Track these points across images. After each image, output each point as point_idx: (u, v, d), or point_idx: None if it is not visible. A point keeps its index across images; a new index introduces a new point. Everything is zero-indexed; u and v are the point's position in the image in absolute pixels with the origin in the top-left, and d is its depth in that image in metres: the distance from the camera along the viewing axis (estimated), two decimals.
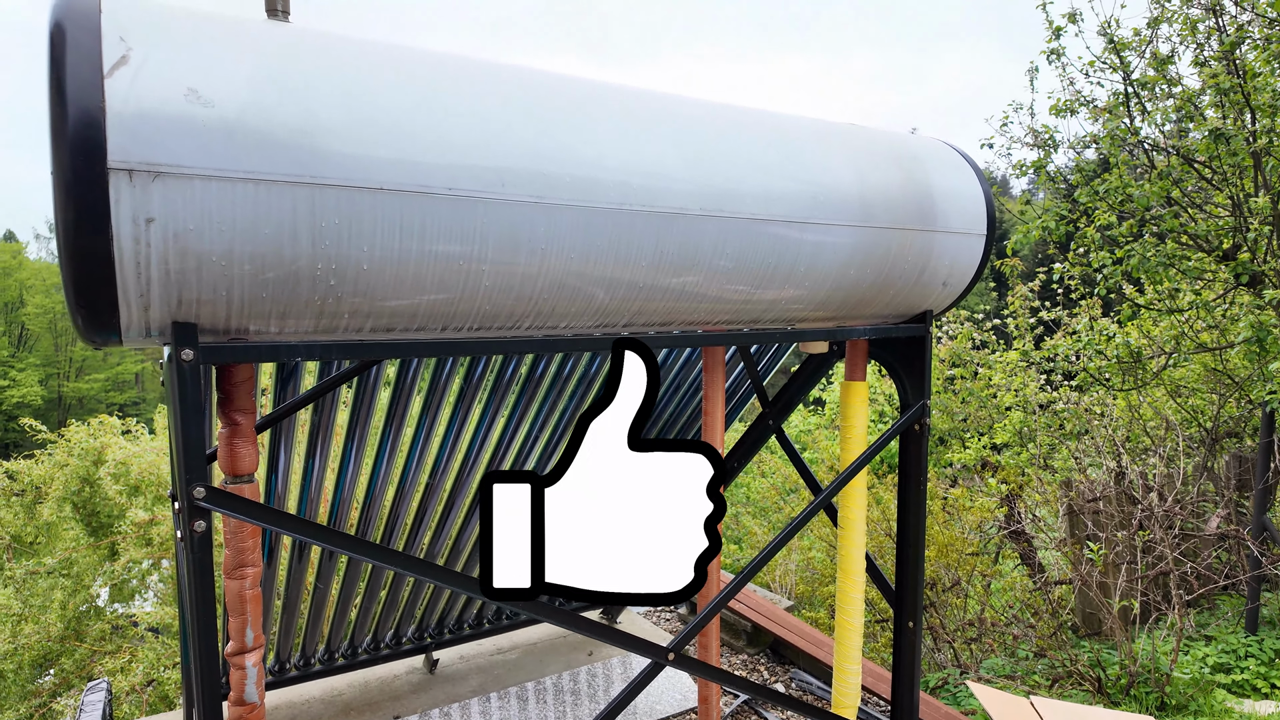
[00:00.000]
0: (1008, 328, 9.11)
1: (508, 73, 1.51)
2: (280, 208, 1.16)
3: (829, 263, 1.85)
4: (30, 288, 39.75)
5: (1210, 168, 5.64)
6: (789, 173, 1.77)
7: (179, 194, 1.09)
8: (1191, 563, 5.58)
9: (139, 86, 1.06)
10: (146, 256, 1.10)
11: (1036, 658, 5.53)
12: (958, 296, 2.23)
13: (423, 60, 1.40)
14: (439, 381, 2.18)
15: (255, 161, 1.13)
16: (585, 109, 1.54)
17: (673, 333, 1.84)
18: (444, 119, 1.33)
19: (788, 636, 3.57)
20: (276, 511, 1.34)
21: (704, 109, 1.76)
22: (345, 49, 1.30)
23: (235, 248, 1.15)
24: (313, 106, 1.19)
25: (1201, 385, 7.31)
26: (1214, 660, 5.31)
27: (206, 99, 1.10)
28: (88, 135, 1.02)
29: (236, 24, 1.23)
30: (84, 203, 1.03)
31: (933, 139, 2.23)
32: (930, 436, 2.81)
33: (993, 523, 6.62)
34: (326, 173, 1.19)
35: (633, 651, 1.76)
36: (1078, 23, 6.08)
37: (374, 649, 3.27)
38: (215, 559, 1.30)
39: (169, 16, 1.15)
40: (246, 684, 1.42)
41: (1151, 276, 5.80)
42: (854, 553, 2.31)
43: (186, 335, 1.20)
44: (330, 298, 1.27)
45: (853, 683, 2.31)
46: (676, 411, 2.87)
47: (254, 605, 1.43)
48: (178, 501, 1.28)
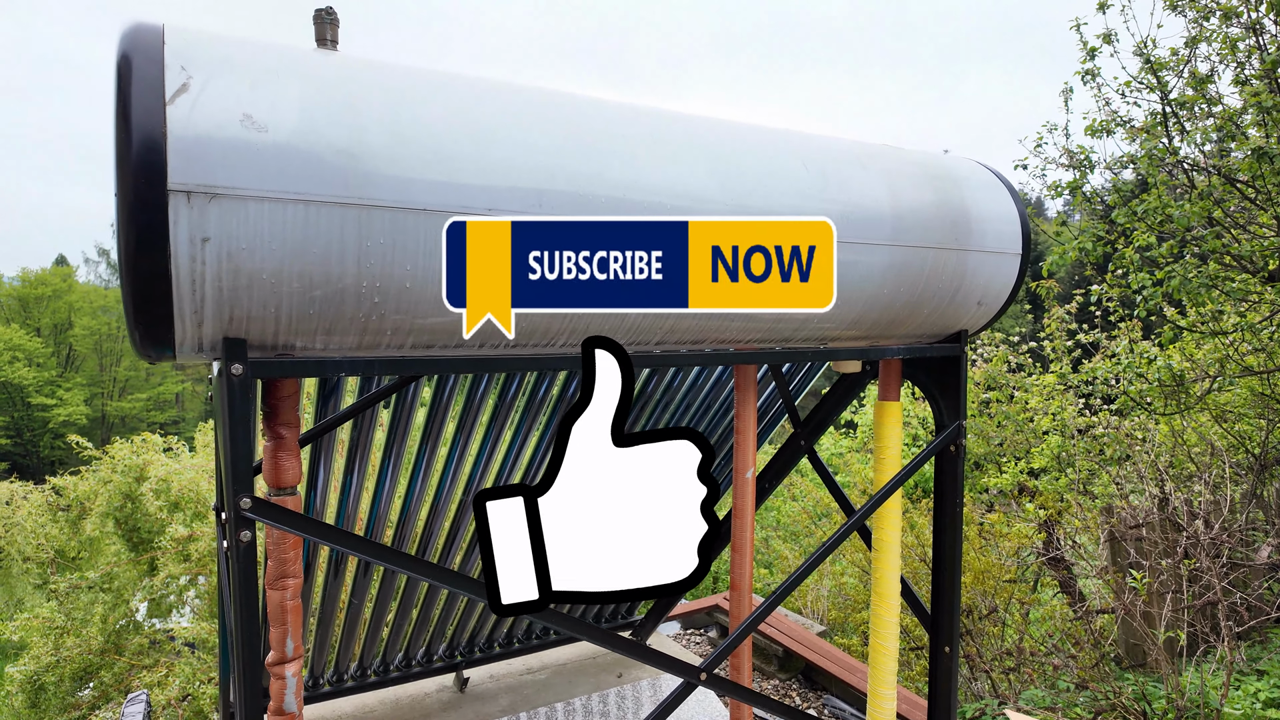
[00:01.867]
0: (1044, 350, 8.95)
1: (545, 96, 1.55)
2: (329, 228, 1.20)
3: (862, 281, 1.85)
4: (79, 310, 41.04)
5: (1254, 187, 5.52)
6: (821, 192, 1.78)
7: (233, 215, 1.13)
8: (1241, 593, 5.39)
9: (198, 113, 1.11)
10: (201, 274, 1.14)
11: (1078, 689, 5.36)
12: (993, 316, 2.21)
13: (464, 85, 1.44)
14: (473, 400, 2.21)
15: (305, 183, 1.18)
16: (620, 131, 1.57)
17: (705, 351, 1.86)
18: (484, 142, 1.36)
19: (820, 662, 3.52)
20: (321, 523, 1.37)
21: (736, 130, 1.79)
22: (390, 75, 1.35)
23: (285, 266, 1.19)
24: (360, 130, 1.24)
25: (1248, 410, 7.10)
26: (1266, 695, 5.10)
27: (260, 124, 1.15)
28: (150, 159, 1.07)
29: (288, 52, 1.28)
30: (145, 223, 1.08)
31: (966, 159, 2.23)
32: (965, 460, 2.77)
33: (1030, 549, 6.47)
34: (373, 194, 1.23)
35: (666, 670, 1.76)
36: (1113, 43, 6.03)
37: (405, 666, 3.29)
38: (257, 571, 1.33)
39: (227, 46, 1.21)
40: (286, 694, 1.44)
41: (1194, 298, 5.67)
42: (889, 576, 2.28)
43: (236, 350, 1.24)
44: (374, 315, 1.31)
45: (887, 708, 2.27)
46: (707, 431, 2.87)
47: (294, 616, 1.46)
48: (223, 512, 1.32)
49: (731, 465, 2.80)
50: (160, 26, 1.18)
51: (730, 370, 2.59)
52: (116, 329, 41.56)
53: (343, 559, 2.60)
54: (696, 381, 2.62)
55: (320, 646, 2.89)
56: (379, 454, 2.26)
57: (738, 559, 2.25)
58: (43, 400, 35.86)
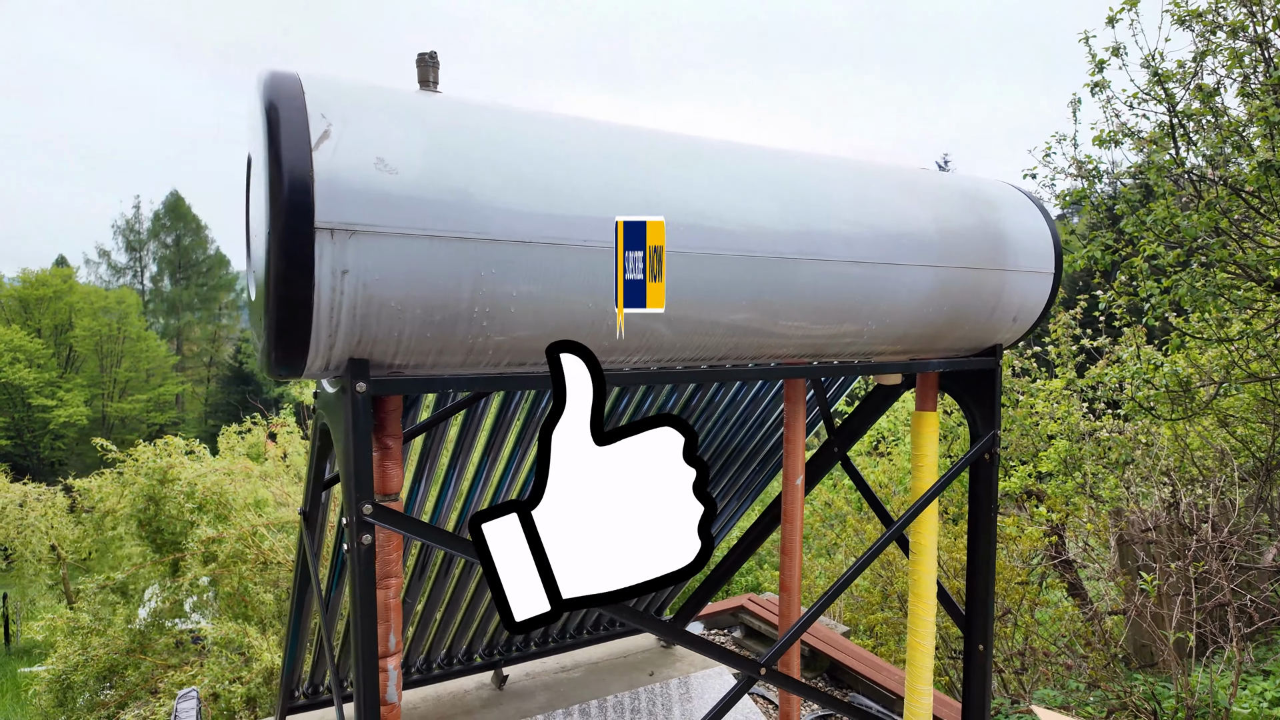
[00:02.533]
0: (1049, 355, 9.08)
1: (621, 131, 1.67)
2: (448, 259, 1.32)
3: (908, 300, 1.97)
4: (79, 311, 41.06)
5: (1259, 198, 5.66)
6: (872, 217, 1.90)
7: (368, 249, 1.25)
8: (1250, 595, 5.52)
9: (339, 158, 1.23)
10: (339, 303, 1.26)
11: (1089, 689, 5.48)
12: (1026, 331, 2.33)
13: (553, 123, 1.56)
14: (535, 416, 2.33)
15: (428, 220, 1.30)
16: (692, 162, 1.69)
17: (760, 365, 1.97)
18: (577, 176, 1.48)
19: (845, 660, 3.64)
20: (433, 527, 1.48)
21: (793, 159, 1.91)
22: (492, 117, 1.47)
23: (410, 294, 1.31)
24: (472, 170, 1.36)
25: (1252, 415, 7.23)
26: (1273, 695, 5.22)
27: (391, 167, 1.27)
28: (299, 200, 1.19)
29: (404, 98, 1.40)
30: (294, 257, 1.20)
31: (1000, 182, 2.35)
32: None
33: (1036, 552, 6.59)
34: (484, 228, 1.35)
35: (731, 666, 1.87)
36: (1121, 56, 6.17)
37: (447, 664, 3.40)
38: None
39: (355, 93, 1.33)
40: (389, 685, 1.56)
41: (1200, 306, 5.80)
42: (926, 578, 2.40)
43: (361, 370, 1.36)
44: (481, 336, 1.43)
45: (925, 703, 2.39)
46: (743, 442, 2.98)
47: (396, 613, 1.57)
48: (345, 517, 1.43)
49: (756, 476, 2.92)
50: (296, 76, 1.29)
51: (765, 385, 2.71)
52: (117, 330, 41.61)
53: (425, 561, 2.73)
54: (737, 396, 2.73)
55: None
56: (445, 460, 2.38)
57: (787, 562, 2.37)
58: (43, 401, 35.91)
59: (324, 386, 1.64)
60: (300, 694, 3.13)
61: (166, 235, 50.07)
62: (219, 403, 43.41)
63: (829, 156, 2.00)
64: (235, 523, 6.42)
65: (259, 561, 6.27)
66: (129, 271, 49.89)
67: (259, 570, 6.27)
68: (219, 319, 51.24)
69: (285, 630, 2.69)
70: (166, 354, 44.35)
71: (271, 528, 6.49)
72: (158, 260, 50.14)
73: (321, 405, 1.69)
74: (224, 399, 43.13)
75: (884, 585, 6.59)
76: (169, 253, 50.16)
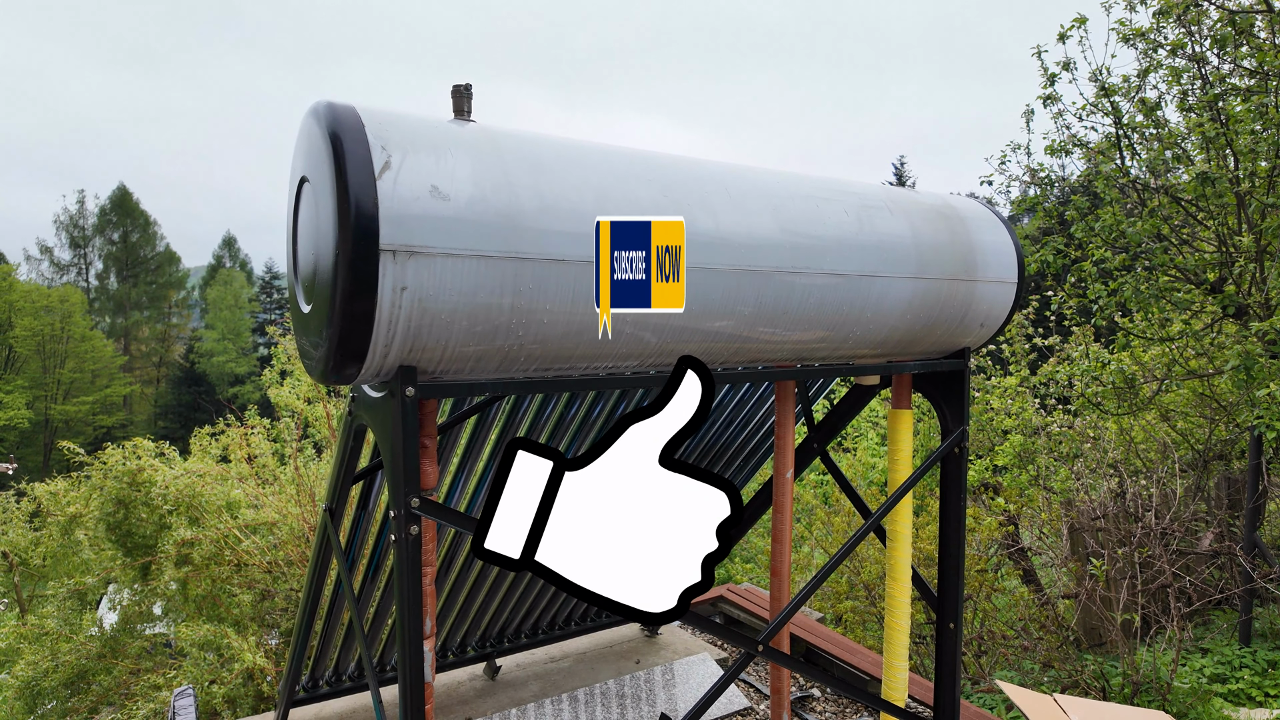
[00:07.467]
0: (1003, 353, 9.49)
1: (635, 155, 1.83)
2: (492, 277, 1.46)
3: (890, 309, 2.17)
4: (19, 310, 39.56)
5: (1197, 205, 6.04)
6: (859, 234, 2.09)
7: (425, 268, 1.38)
8: (1189, 577, 5.90)
9: (399, 186, 1.36)
10: (396, 317, 1.39)
11: (1043, 669, 5.81)
12: (992, 335, 2.55)
13: (581, 150, 1.71)
14: (540, 420, 2.46)
15: (476, 241, 1.43)
16: (703, 185, 1.85)
17: (748, 369, 2.15)
18: (603, 199, 1.63)
19: (821, 645, 3.84)
20: (471, 518, 1.62)
21: (788, 180, 2.08)
22: (529, 145, 1.61)
23: (458, 308, 1.44)
24: (513, 195, 1.50)
25: (1191, 410, 7.68)
26: (1210, 670, 5.61)
27: (444, 194, 1.40)
28: (366, 225, 1.32)
29: (447, 129, 1.53)
30: (361, 276, 1.33)
31: (969, 200, 2.56)
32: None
33: (993, 541, 6.93)
34: (525, 248, 1.49)
35: (733, 644, 2.04)
36: (1071, 70, 6.51)
37: (442, 656, 3.52)
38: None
39: (405, 125, 1.46)
40: (424, 666, 1.69)
41: (1143, 307, 6.18)
42: (901, 562, 2.60)
43: (409, 376, 1.49)
44: (515, 344, 1.57)
45: (901, 677, 2.59)
46: (727, 441, 3.16)
47: (430, 599, 1.71)
48: (393, 510, 1.56)
49: (736, 471, 3.09)
50: (353, 108, 1.42)
51: (749, 387, 2.88)
52: (60, 329, 40.18)
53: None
54: (724, 399, 2.90)
55: (373, 637, 3.10)
56: (456, 461, 2.50)
57: (778, 548, 2.55)
58: None
59: (365, 391, 1.76)
60: (300, 688, 3.21)
61: (113, 231, 48.48)
62: (169, 404, 42.25)
63: (815, 177, 2.18)
64: (209, 525, 6.39)
65: (235, 563, 6.26)
66: (73, 269, 48.18)
67: (235, 571, 6.26)
68: (169, 318, 49.82)
69: (295, 625, 2.78)
70: (113, 354, 42.92)
71: (245, 530, 6.48)
72: (103, 257, 48.52)
73: (361, 408, 1.81)
74: (174, 400, 42.00)
75: (850, 575, 6.85)
76: (115, 249, 48.57)
